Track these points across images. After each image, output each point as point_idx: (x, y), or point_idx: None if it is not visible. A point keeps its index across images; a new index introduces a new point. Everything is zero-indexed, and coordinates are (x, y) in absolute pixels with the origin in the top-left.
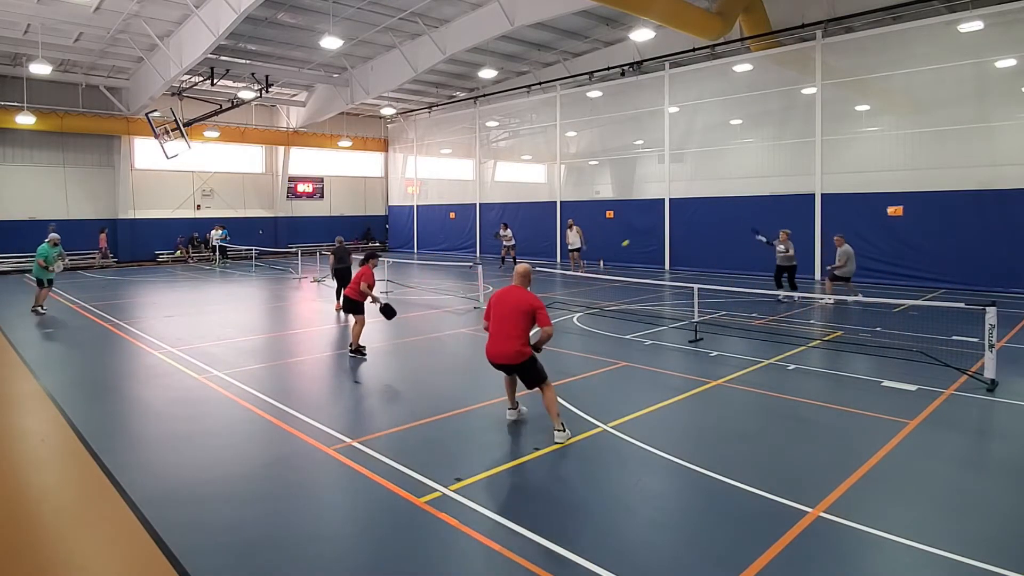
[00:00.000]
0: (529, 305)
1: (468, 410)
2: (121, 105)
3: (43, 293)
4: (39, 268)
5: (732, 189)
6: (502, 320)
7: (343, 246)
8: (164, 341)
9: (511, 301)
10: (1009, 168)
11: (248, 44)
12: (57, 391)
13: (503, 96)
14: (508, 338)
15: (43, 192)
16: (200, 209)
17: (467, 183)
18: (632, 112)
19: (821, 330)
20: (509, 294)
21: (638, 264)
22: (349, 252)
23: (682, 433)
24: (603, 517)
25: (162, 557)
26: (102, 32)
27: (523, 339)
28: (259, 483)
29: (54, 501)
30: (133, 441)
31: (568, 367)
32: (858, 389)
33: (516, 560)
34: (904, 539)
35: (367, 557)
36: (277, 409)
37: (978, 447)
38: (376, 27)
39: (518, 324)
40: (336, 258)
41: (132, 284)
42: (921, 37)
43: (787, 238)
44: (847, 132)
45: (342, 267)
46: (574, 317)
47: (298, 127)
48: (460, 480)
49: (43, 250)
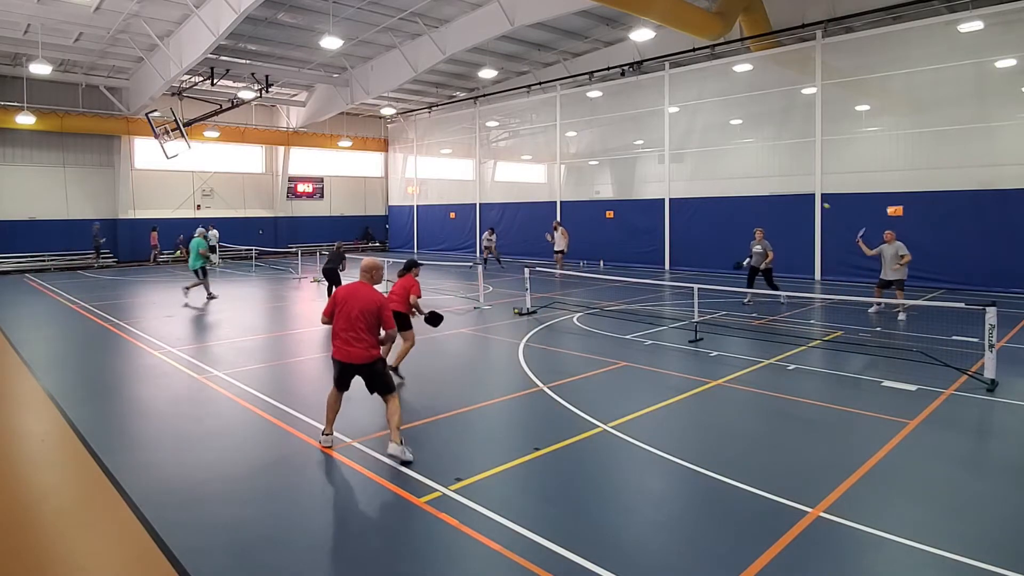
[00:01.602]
0: (376, 304)
1: (468, 410)
2: (121, 105)
3: (204, 281)
4: (197, 257)
5: (732, 189)
6: (350, 321)
7: (338, 251)
8: (164, 341)
9: (359, 301)
10: (1009, 168)
11: (248, 44)
12: (57, 391)
13: (503, 96)
14: (358, 340)
15: (43, 192)
16: (200, 209)
17: (467, 183)
18: (632, 112)
19: (821, 330)
20: (356, 292)
21: (638, 264)
22: (342, 257)
23: (682, 433)
24: (603, 517)
25: (162, 557)
26: (102, 32)
27: (373, 340)
28: (259, 483)
29: (54, 501)
30: (133, 441)
31: (568, 367)
32: (858, 389)
33: (516, 560)
34: (904, 539)
35: (367, 557)
36: (277, 409)
37: (978, 447)
38: (376, 27)
39: (368, 324)
40: (328, 258)
41: (132, 284)
42: (921, 37)
43: (763, 237)
44: (847, 132)
45: (329, 267)
46: (574, 317)
47: (298, 127)
48: (460, 480)
49: (198, 243)
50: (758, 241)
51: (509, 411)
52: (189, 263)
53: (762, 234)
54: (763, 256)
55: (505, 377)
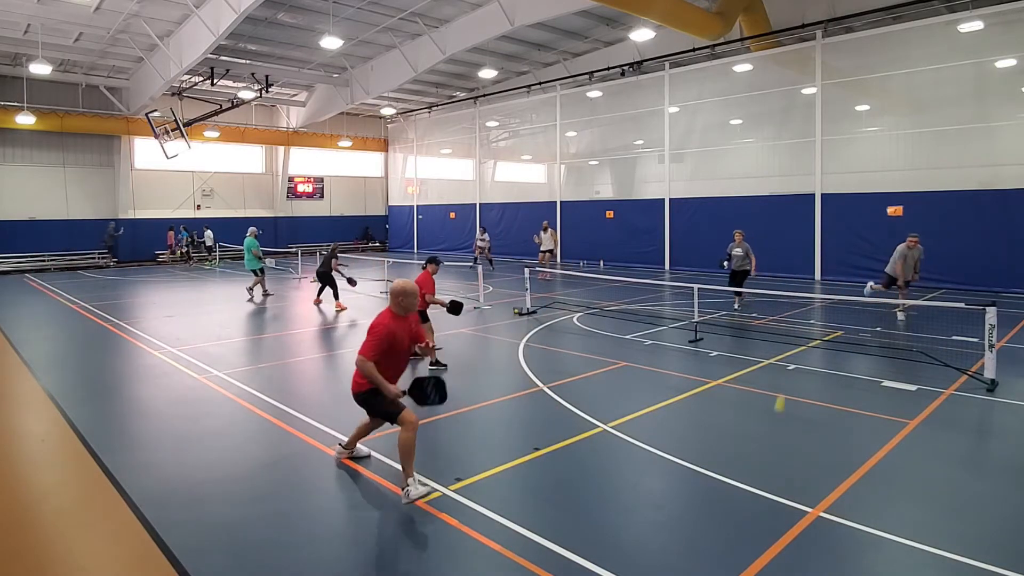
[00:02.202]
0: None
1: (468, 410)
2: (121, 105)
3: (261, 279)
4: (252, 258)
5: (732, 189)
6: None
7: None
8: (164, 341)
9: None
10: (1009, 168)
11: (248, 44)
12: (57, 391)
13: (503, 96)
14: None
15: (43, 192)
16: (200, 209)
17: (467, 183)
18: (632, 112)
19: (821, 330)
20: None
21: (638, 264)
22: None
23: (682, 433)
24: (603, 517)
25: (162, 557)
26: (102, 32)
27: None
28: (259, 483)
29: (54, 501)
30: (133, 441)
31: (568, 367)
32: (858, 389)
33: (517, 560)
34: (904, 539)
35: (367, 557)
36: (277, 409)
37: (978, 447)
38: (376, 27)
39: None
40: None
41: (132, 284)
42: (921, 37)
43: (743, 239)
44: (847, 132)
45: (322, 271)
46: (574, 317)
47: (298, 127)
48: (460, 480)
49: (251, 242)
50: (738, 244)
51: (509, 411)
52: (246, 264)
53: (742, 236)
54: (744, 259)
55: (505, 377)
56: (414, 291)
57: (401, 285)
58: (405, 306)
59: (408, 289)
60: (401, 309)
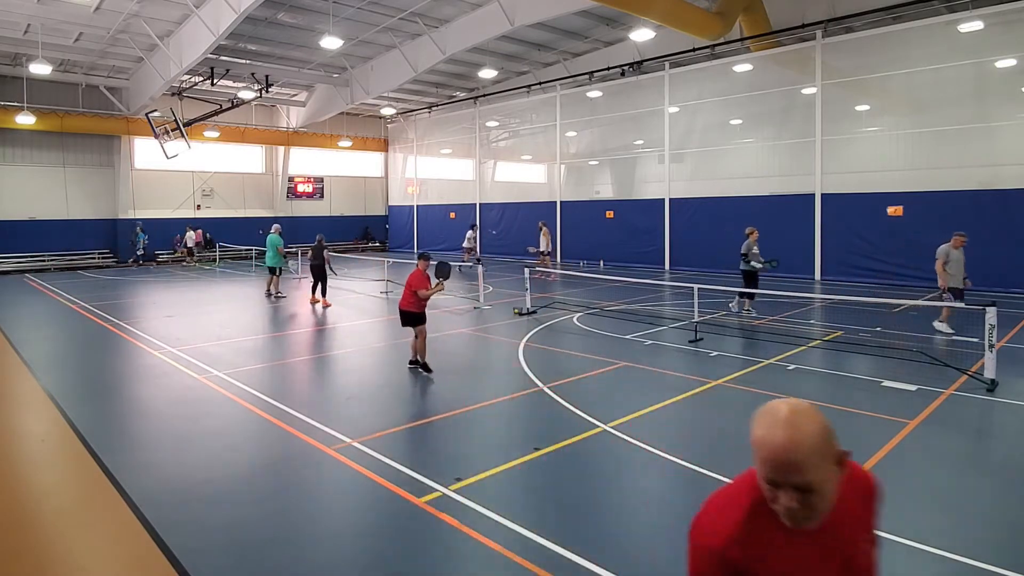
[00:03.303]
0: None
1: (468, 410)
2: (121, 105)
3: (275, 279)
4: (275, 256)
5: (732, 189)
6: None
7: (320, 244)
8: (164, 341)
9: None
10: (1009, 168)
11: (248, 44)
12: (57, 391)
13: (503, 96)
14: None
15: (43, 192)
16: (200, 209)
17: (467, 183)
18: (632, 112)
19: (821, 330)
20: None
21: (638, 264)
22: (324, 249)
23: (682, 433)
24: (603, 517)
25: (162, 557)
26: (102, 32)
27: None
28: (259, 483)
29: (54, 501)
30: (133, 441)
31: (568, 367)
32: (858, 389)
33: (517, 560)
34: (904, 539)
35: (367, 557)
36: (277, 409)
37: (978, 447)
38: (376, 27)
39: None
40: (312, 254)
41: (132, 284)
42: (921, 37)
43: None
44: (847, 132)
45: (316, 264)
46: (574, 317)
47: (298, 127)
48: (460, 480)
49: (274, 239)
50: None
51: (509, 411)
52: (267, 261)
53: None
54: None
55: (505, 377)
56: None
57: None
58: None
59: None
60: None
